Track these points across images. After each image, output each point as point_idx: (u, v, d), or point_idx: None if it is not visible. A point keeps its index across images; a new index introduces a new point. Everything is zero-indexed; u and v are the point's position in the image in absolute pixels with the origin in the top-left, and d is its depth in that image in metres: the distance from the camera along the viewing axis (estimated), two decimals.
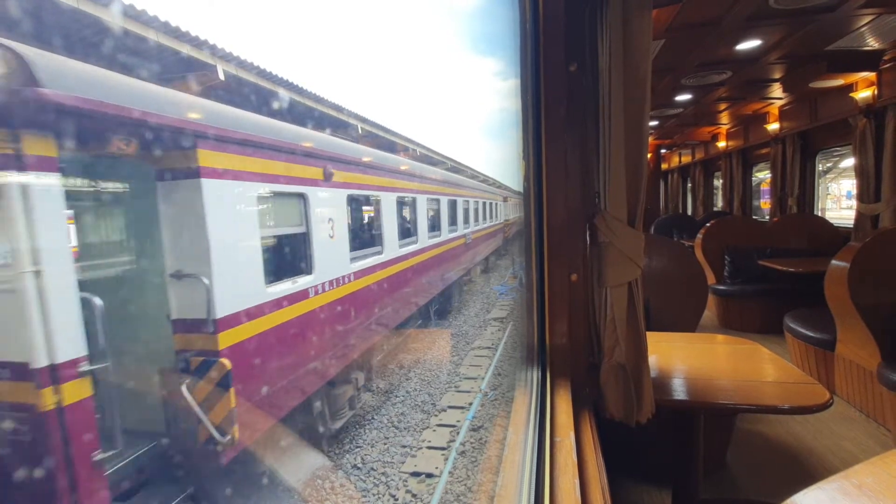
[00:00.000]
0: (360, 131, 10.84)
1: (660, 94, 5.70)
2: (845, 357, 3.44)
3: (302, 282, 4.68)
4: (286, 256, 4.75)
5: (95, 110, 2.80)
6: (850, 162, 7.30)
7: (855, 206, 5.44)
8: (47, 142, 2.62)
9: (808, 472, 2.73)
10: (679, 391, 1.94)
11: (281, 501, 4.34)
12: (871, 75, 4.83)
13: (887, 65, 4.65)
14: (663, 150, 11.38)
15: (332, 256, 5.31)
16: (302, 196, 4.79)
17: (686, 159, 11.18)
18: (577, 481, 1.10)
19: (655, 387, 1.76)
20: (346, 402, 5.52)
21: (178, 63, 5.96)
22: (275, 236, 4.56)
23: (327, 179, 5.21)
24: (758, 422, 3.24)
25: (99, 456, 2.84)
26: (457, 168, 18.03)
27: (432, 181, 9.51)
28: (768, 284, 5.34)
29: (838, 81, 5.13)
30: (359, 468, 4.93)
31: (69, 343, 2.71)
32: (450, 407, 6.23)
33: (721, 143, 8.82)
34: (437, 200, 9.83)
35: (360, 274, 5.95)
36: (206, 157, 3.51)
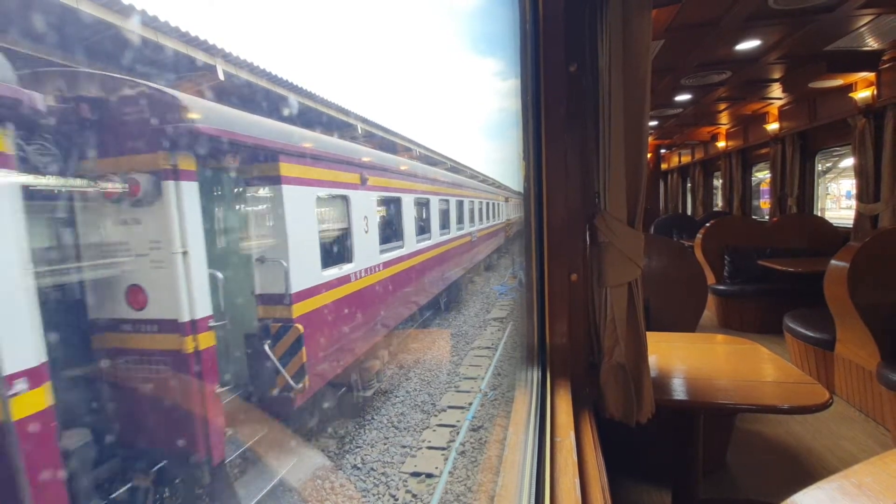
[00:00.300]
0: (360, 131, 10.83)
1: (659, 94, 5.70)
2: (845, 357, 3.45)
3: (346, 268, 5.64)
4: (334, 247, 5.61)
5: (221, 136, 3.81)
6: (849, 162, 7.31)
7: (854, 206, 5.44)
8: (190, 159, 3.61)
9: (807, 472, 2.73)
10: (679, 391, 1.94)
11: (281, 502, 4.34)
12: (871, 75, 4.83)
13: (886, 65, 4.65)
14: (663, 150, 11.38)
15: (367, 248, 6.24)
16: (345, 198, 5.74)
17: (686, 159, 11.18)
18: (577, 481, 1.10)
19: (655, 387, 1.76)
20: (374, 374, 6.39)
21: (178, 63, 5.96)
22: (327, 230, 5.40)
23: (363, 184, 6.12)
24: (757, 422, 3.24)
25: (218, 390, 3.78)
26: (456, 168, 18.32)
27: (443, 183, 10.40)
28: (768, 284, 5.35)
29: (838, 81, 5.13)
30: (359, 468, 4.93)
31: (203, 304, 3.65)
32: (450, 407, 6.23)
33: (721, 143, 8.82)
34: (447, 201, 10.69)
35: (387, 264, 6.88)
36: (286, 168, 4.51)
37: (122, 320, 3.64)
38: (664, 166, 12.19)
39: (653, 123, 7.81)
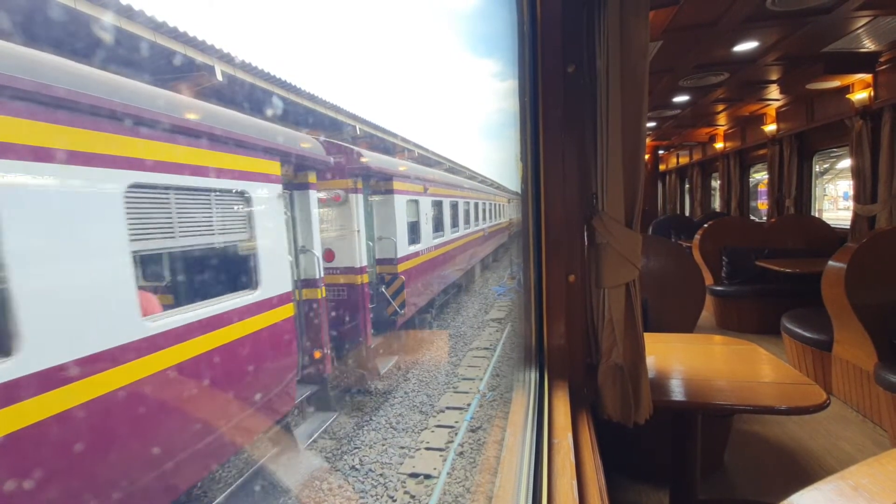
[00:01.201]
0: (358, 132, 10.85)
1: (658, 95, 5.71)
2: (842, 358, 3.45)
3: (417, 247, 8.78)
4: (412, 231, 8.58)
5: (372, 169, 6.87)
6: (846, 163, 7.33)
7: (851, 207, 5.45)
8: (359, 182, 6.65)
9: (805, 473, 2.74)
10: (677, 392, 1.94)
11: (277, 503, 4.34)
12: (868, 77, 4.85)
13: (883, 66, 4.66)
14: (661, 152, 11.40)
15: (426, 234, 9.39)
16: (417, 201, 8.95)
17: (684, 160, 11.20)
18: (574, 483, 1.10)
19: (653, 387, 1.76)
20: (430, 321, 9.92)
21: (175, 64, 5.95)
22: (409, 221, 8.45)
23: (425, 192, 9.41)
24: (755, 422, 3.24)
25: (370, 307, 6.88)
26: (454, 169, 18.88)
27: (467, 189, 14.06)
28: (765, 285, 5.35)
29: (835, 83, 5.15)
30: (357, 469, 4.92)
31: (365, 259, 6.69)
32: (448, 408, 6.22)
33: (718, 145, 8.84)
34: (468, 203, 14.17)
35: (436, 247, 10.03)
36: (396, 185, 7.73)
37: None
38: (662, 167, 12.20)
39: (651, 124, 7.83)
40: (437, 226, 10.49)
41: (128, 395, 2.81)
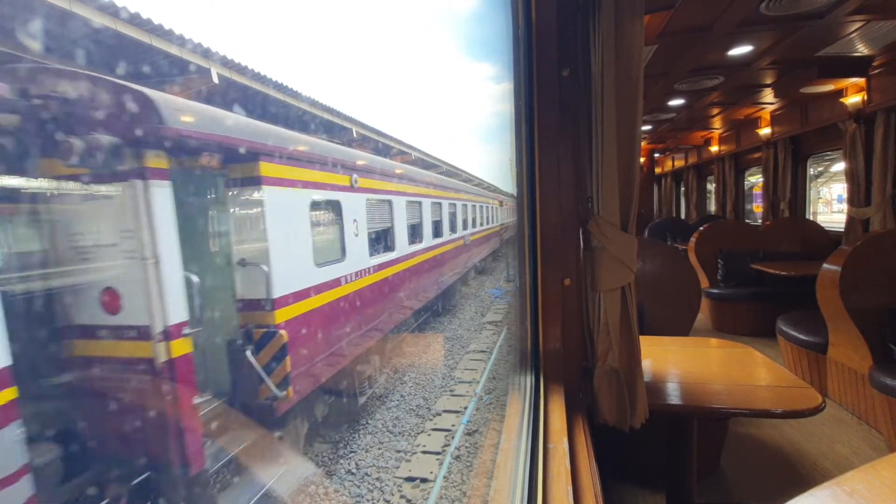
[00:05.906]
0: (354, 135, 10.85)
1: (653, 99, 5.73)
2: (837, 360, 3.46)
3: (506, 221, 23.86)
4: (506, 216, 23.96)
5: (503, 199, 23.56)
6: (840, 166, 7.38)
7: (846, 210, 5.48)
8: (498, 202, 22.70)
9: (801, 476, 2.74)
10: (673, 395, 1.93)
11: None
12: (861, 81, 4.88)
13: (876, 70, 4.70)
14: (657, 155, 11.44)
15: (508, 217, 23.82)
16: (505, 208, 23.76)
17: (679, 163, 11.24)
18: (569, 488, 1.09)
19: (649, 391, 1.76)
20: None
21: (173, 65, 5.94)
22: (507, 214, 24.01)
23: (504, 205, 23.60)
24: (751, 425, 3.24)
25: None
26: (451, 172, 20.70)
27: (508, 200, 23.46)
28: (761, 288, 5.37)
29: (829, 87, 5.18)
30: (353, 473, 4.89)
31: (499, 221, 23.02)
32: (445, 411, 6.20)
33: (714, 148, 8.87)
34: (507, 209, 25.05)
35: (509, 222, 23.60)
36: (501, 202, 23.38)
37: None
38: (658, 170, 12.25)
39: (646, 128, 7.85)
40: (508, 216, 23.10)
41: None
